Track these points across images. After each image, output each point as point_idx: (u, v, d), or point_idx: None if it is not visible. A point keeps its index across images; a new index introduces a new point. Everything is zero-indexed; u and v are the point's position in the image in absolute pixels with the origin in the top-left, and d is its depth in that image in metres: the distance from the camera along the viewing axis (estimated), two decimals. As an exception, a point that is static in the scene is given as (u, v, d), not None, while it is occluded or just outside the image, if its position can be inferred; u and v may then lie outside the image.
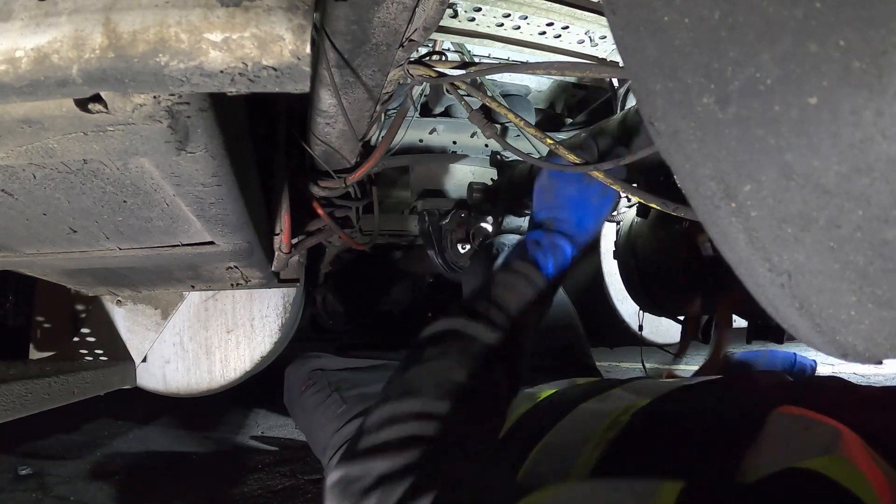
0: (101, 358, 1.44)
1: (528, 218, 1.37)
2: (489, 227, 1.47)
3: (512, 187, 1.39)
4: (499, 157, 1.48)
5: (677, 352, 1.15)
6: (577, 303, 2.26)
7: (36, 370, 1.09)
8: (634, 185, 0.69)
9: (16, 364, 1.11)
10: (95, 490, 1.87)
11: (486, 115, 0.85)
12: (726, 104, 0.27)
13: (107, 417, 2.47)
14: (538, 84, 1.63)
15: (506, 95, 1.58)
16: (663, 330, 2.08)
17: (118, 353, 1.45)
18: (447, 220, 1.53)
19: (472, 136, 1.64)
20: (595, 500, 0.42)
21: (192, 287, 1.32)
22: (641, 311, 1.92)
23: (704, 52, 0.27)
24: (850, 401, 0.55)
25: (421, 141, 1.60)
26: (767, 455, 0.44)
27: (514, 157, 1.60)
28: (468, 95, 0.80)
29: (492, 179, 1.54)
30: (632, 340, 1.96)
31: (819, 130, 0.24)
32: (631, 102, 1.47)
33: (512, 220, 1.45)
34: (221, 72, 0.42)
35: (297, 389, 1.19)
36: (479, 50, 1.34)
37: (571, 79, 1.55)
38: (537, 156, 1.49)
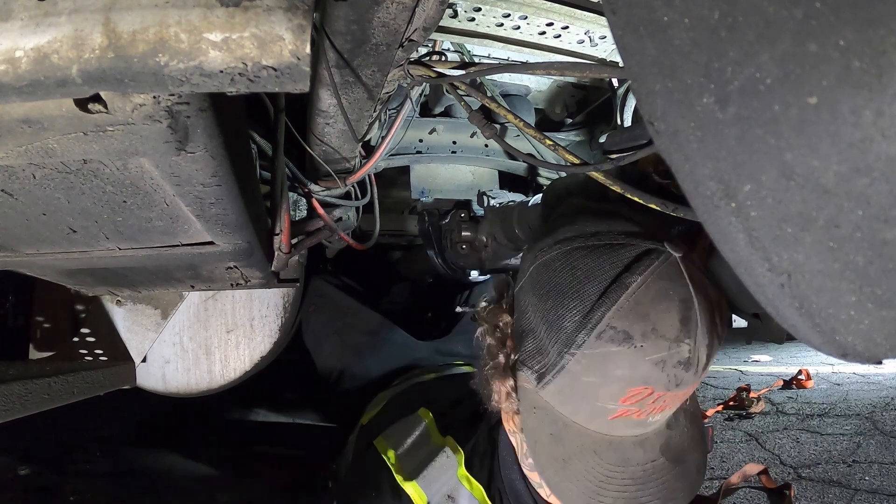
0: (101, 358, 1.43)
1: (514, 258, 1.37)
2: (478, 275, 1.48)
3: (503, 237, 1.36)
4: (486, 197, 1.47)
5: None
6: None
7: (36, 370, 1.09)
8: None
9: (16, 364, 1.10)
10: (96, 490, 1.87)
11: (486, 116, 0.85)
12: (726, 104, 0.27)
13: (107, 417, 2.47)
14: (538, 84, 1.63)
15: (505, 95, 1.58)
16: (663, 330, 2.07)
17: (118, 353, 1.44)
18: (447, 220, 1.53)
19: (472, 136, 1.64)
20: None
21: (192, 287, 1.32)
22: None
23: (704, 52, 0.27)
24: None
25: (421, 141, 1.60)
26: None
27: (500, 199, 1.60)
28: (468, 96, 0.80)
29: (479, 217, 1.51)
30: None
31: (819, 130, 0.24)
32: (631, 102, 1.46)
33: (497, 262, 1.43)
34: (221, 72, 0.42)
35: (306, 307, 1.48)
36: (479, 50, 1.33)
37: (571, 79, 1.55)
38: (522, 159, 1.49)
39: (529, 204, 1.21)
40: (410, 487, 0.72)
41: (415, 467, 0.75)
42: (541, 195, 1.19)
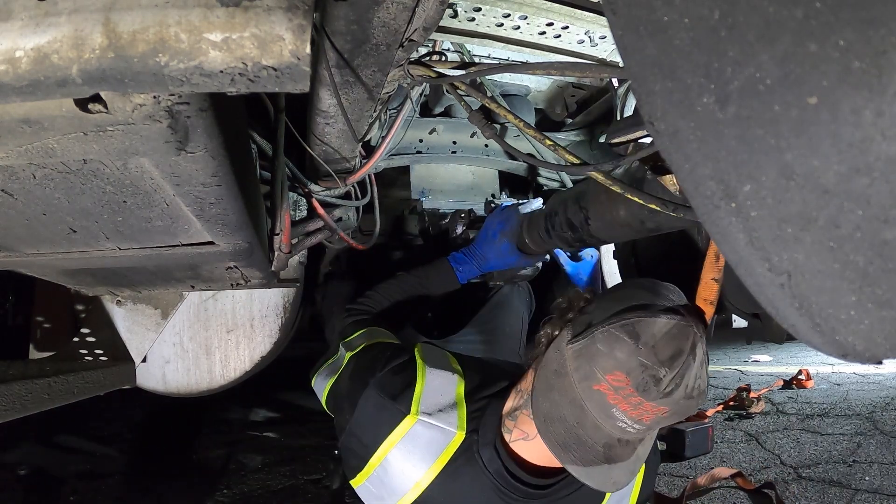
0: (101, 358, 1.43)
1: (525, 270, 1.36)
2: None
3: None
4: (493, 204, 1.46)
5: None
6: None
7: (36, 370, 1.09)
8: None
9: (16, 364, 1.10)
10: (95, 490, 1.87)
11: (486, 116, 0.85)
12: (726, 104, 0.27)
13: (107, 417, 2.47)
14: (538, 84, 1.63)
15: (505, 95, 1.58)
16: (663, 330, 2.07)
17: (118, 353, 1.44)
18: (447, 220, 1.53)
19: (471, 136, 1.64)
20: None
21: (192, 287, 1.32)
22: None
23: (704, 52, 0.27)
24: None
25: (421, 141, 1.60)
26: None
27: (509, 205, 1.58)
28: (468, 96, 0.80)
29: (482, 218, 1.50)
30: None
31: (819, 130, 0.24)
32: (631, 102, 1.46)
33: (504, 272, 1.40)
34: (221, 72, 0.42)
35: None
36: (479, 50, 1.33)
37: (571, 79, 1.55)
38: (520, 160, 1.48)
39: (534, 214, 1.21)
40: (420, 371, 0.93)
41: (431, 362, 0.97)
42: (544, 206, 1.18)
